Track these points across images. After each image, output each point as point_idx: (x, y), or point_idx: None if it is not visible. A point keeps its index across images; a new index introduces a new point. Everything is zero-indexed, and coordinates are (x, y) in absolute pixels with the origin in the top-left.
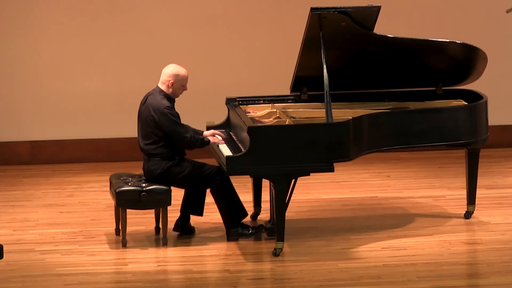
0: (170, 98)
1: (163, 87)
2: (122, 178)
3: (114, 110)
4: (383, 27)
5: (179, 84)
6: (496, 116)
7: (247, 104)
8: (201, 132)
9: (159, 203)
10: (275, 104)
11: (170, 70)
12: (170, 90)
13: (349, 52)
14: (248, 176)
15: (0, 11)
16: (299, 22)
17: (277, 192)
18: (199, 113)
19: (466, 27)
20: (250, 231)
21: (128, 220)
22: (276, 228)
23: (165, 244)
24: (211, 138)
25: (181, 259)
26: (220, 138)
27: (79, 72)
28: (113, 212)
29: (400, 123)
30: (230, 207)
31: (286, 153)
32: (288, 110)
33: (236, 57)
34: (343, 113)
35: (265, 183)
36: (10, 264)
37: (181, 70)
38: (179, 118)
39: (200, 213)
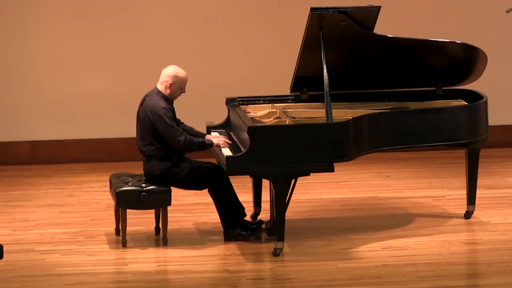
0: (168, 99)
1: (161, 87)
2: (122, 178)
3: (114, 110)
4: (383, 27)
5: (177, 86)
6: (496, 116)
7: (247, 104)
8: (203, 135)
9: (159, 203)
10: (275, 104)
11: (170, 71)
12: (168, 91)
13: (349, 52)
14: (248, 176)
15: (0, 11)
16: (299, 22)
17: (277, 192)
18: (199, 113)
19: (466, 27)
20: (248, 232)
21: (128, 220)
22: (276, 228)
23: (165, 244)
24: (215, 140)
25: (181, 259)
26: (223, 141)
27: (79, 72)
28: (113, 212)
29: (400, 123)
30: (229, 207)
31: (286, 153)
32: (288, 110)
33: (236, 57)
34: (343, 113)
35: (265, 183)
36: (10, 264)
37: (181, 72)
38: (174, 118)
39: (242, 213)
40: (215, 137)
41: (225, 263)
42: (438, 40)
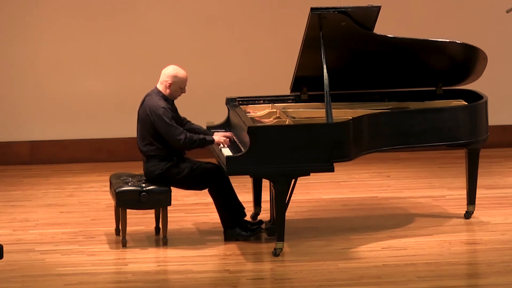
0: (167, 99)
1: (161, 87)
2: (122, 178)
3: (114, 110)
4: (383, 27)
5: (177, 86)
6: (496, 116)
7: (247, 104)
8: (211, 134)
9: (159, 203)
10: (275, 104)
11: (169, 71)
12: (168, 91)
13: (349, 52)
14: (248, 176)
15: (0, 11)
16: (299, 22)
17: (277, 192)
18: (199, 113)
19: (466, 27)
20: (248, 233)
21: (128, 220)
22: (276, 228)
23: (165, 244)
24: (216, 138)
25: (181, 259)
26: (224, 140)
27: (79, 72)
28: (113, 212)
29: (400, 123)
30: (229, 207)
31: (286, 153)
32: (288, 110)
33: (236, 57)
34: (343, 113)
35: (265, 183)
36: (10, 264)
37: (180, 72)
38: (175, 117)
39: (242, 213)
40: (217, 135)
41: (225, 263)
42: (438, 40)
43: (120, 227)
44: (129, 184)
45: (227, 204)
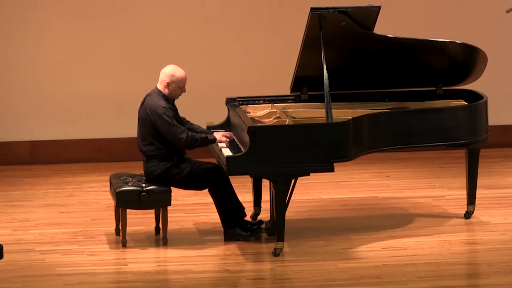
0: (168, 99)
1: (160, 87)
2: (122, 178)
3: (114, 110)
4: (383, 27)
5: (176, 85)
6: (496, 116)
7: (247, 104)
8: (211, 133)
9: (159, 203)
10: (275, 104)
11: (168, 70)
12: (167, 90)
13: (349, 52)
14: (248, 176)
15: (0, 11)
16: (299, 22)
17: (277, 192)
18: (199, 113)
19: (466, 27)
20: (248, 233)
21: (128, 220)
22: (276, 228)
23: (165, 244)
24: (218, 136)
25: (181, 259)
26: (226, 139)
27: (79, 72)
28: (113, 212)
29: (400, 123)
30: (229, 207)
31: (286, 153)
32: (288, 110)
33: (236, 57)
34: (343, 113)
35: (265, 183)
36: (10, 264)
37: (178, 72)
38: (175, 117)
39: (242, 213)
40: (218, 133)
41: (225, 263)
42: (438, 40)
43: (120, 227)
44: (129, 184)
45: (227, 204)
